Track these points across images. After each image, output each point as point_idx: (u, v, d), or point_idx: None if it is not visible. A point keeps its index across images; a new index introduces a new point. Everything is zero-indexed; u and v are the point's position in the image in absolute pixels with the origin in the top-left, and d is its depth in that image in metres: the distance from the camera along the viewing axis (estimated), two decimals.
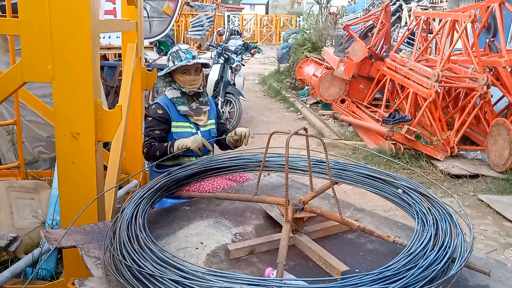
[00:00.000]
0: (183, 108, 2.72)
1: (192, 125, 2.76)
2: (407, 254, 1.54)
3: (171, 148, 2.54)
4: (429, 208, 1.90)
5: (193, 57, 2.69)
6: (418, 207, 1.94)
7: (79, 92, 2.01)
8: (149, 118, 2.68)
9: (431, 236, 1.67)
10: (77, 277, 1.58)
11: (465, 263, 1.55)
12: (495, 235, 3.73)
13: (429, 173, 5.13)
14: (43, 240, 2.58)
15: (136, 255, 1.50)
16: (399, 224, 2.18)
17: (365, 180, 2.23)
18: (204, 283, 1.33)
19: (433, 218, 1.81)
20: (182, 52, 2.69)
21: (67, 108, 2.02)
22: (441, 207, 1.91)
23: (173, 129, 2.70)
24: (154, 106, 2.71)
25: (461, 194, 4.58)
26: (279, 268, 1.53)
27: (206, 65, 2.83)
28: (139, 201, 1.91)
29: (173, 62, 2.69)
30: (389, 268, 1.44)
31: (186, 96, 2.76)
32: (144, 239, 1.60)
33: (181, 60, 2.67)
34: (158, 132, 2.65)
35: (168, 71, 2.71)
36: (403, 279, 1.37)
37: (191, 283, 1.33)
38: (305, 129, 1.87)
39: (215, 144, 2.91)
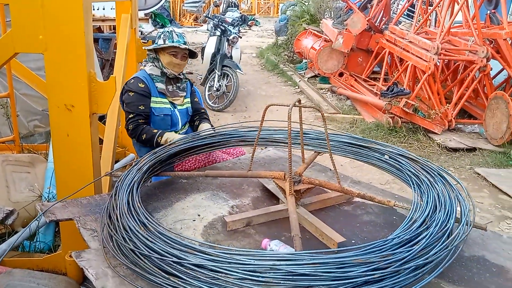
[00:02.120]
0: (160, 86, 2.70)
1: (169, 104, 2.74)
2: (413, 219, 1.56)
3: (159, 137, 2.54)
4: (420, 171, 1.91)
5: (184, 43, 2.69)
6: (408, 170, 1.95)
7: (72, 63, 1.97)
8: (131, 93, 2.61)
9: (433, 198, 1.69)
10: (75, 249, 1.58)
11: (471, 222, 1.59)
12: (490, 208, 3.75)
13: (426, 146, 5.13)
14: (40, 214, 2.58)
15: (130, 230, 1.50)
16: (396, 196, 2.18)
17: (351, 149, 2.24)
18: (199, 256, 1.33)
19: (429, 181, 1.82)
20: (176, 34, 2.68)
21: (60, 80, 1.99)
22: (431, 169, 1.92)
23: (152, 104, 2.66)
24: (133, 80, 2.65)
25: (457, 167, 4.59)
26: (296, 242, 1.54)
27: (193, 55, 2.82)
28: (135, 175, 1.90)
29: (164, 41, 2.66)
30: (405, 232, 1.46)
31: (166, 77, 2.73)
32: (140, 214, 1.59)
33: (173, 41, 2.65)
34: (143, 108, 2.61)
35: (158, 47, 2.68)
36: (422, 240, 1.40)
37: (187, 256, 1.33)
38: (299, 101, 1.84)
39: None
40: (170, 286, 1.29)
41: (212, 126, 2.80)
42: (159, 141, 2.53)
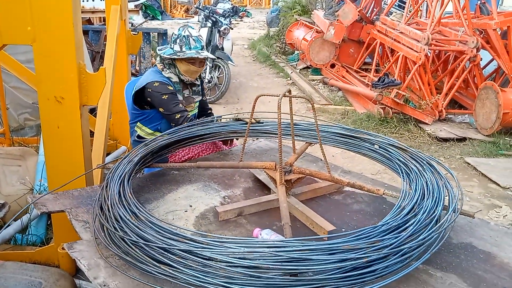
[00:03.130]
0: (179, 96, 2.66)
1: None
2: (401, 207, 1.60)
3: None
4: (409, 160, 1.94)
5: (202, 47, 2.61)
6: (397, 159, 1.98)
7: (61, 55, 1.96)
8: (164, 96, 2.53)
9: (421, 186, 1.72)
10: (67, 242, 1.59)
11: (458, 208, 1.63)
12: (480, 197, 3.80)
13: (417, 136, 5.17)
14: (31, 206, 2.57)
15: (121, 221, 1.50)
16: (386, 185, 2.21)
17: (342, 139, 2.26)
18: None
19: (418, 170, 1.85)
20: (193, 39, 2.58)
21: (50, 71, 1.98)
22: (420, 158, 1.95)
23: None
24: (159, 84, 2.54)
25: (448, 157, 4.64)
26: (286, 230, 1.56)
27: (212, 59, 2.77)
28: (127, 167, 1.90)
29: (181, 48, 2.57)
30: (393, 219, 1.49)
31: (183, 83, 2.69)
32: (131, 204, 1.60)
33: (190, 48, 2.57)
34: (181, 105, 2.59)
35: (176, 57, 2.58)
36: (410, 227, 1.43)
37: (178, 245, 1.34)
38: (289, 91, 1.85)
39: None
40: (161, 275, 1.30)
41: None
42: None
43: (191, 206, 1.92)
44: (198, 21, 7.25)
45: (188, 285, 1.24)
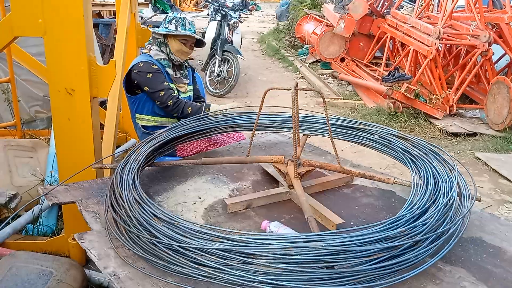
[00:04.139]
0: (170, 71, 2.71)
1: (175, 90, 2.74)
2: (418, 195, 1.63)
3: (207, 109, 2.56)
4: (410, 147, 1.96)
5: (195, 32, 2.73)
6: (399, 147, 2.01)
7: (72, 47, 1.97)
8: (149, 75, 2.57)
9: (431, 173, 1.76)
10: (77, 232, 1.60)
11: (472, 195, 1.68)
12: (490, 192, 3.77)
13: (427, 131, 5.13)
14: (42, 197, 2.61)
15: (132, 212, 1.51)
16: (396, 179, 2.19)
17: (341, 131, 2.27)
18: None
19: (422, 158, 1.87)
20: (188, 22, 2.70)
21: (60, 63, 1.99)
22: (423, 146, 1.97)
23: None
24: (143, 64, 2.60)
25: (458, 152, 4.60)
26: (312, 223, 1.57)
27: (201, 43, 2.86)
28: (136, 159, 1.91)
29: (176, 27, 2.65)
30: (410, 211, 1.52)
31: (171, 63, 2.75)
32: (140, 197, 1.60)
33: (185, 29, 2.67)
34: (166, 83, 2.63)
35: (170, 33, 2.66)
36: (433, 213, 1.48)
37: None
38: (297, 84, 1.85)
39: None
40: (202, 277, 1.28)
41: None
42: (207, 113, 2.52)
43: (200, 198, 1.93)
44: (208, 14, 7.25)
45: (232, 285, 1.23)
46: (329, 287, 1.22)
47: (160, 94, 2.57)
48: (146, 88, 2.60)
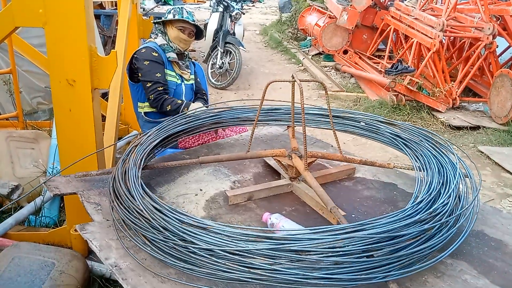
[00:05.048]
0: (172, 55, 2.73)
1: (177, 76, 2.77)
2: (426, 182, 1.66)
3: (185, 109, 2.57)
4: (400, 132, 2.02)
5: (193, 21, 2.74)
6: (387, 132, 2.06)
7: (73, 38, 1.96)
8: (146, 62, 2.62)
9: (429, 158, 1.80)
10: (79, 223, 1.61)
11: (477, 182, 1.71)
12: (493, 186, 3.76)
13: (430, 124, 5.11)
14: (45, 189, 2.61)
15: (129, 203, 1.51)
16: (397, 172, 2.19)
17: (326, 120, 2.27)
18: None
19: (414, 142, 1.93)
20: (186, 11, 2.72)
21: (61, 54, 1.98)
22: (412, 130, 2.03)
23: None
24: (145, 50, 2.67)
25: (461, 145, 4.58)
26: (337, 213, 1.56)
27: (200, 35, 2.85)
28: (138, 151, 1.90)
29: (174, 16, 2.70)
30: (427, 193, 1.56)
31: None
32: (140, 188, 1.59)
33: (183, 17, 2.70)
34: (160, 75, 2.63)
35: (166, 20, 2.72)
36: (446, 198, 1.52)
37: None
38: (293, 76, 1.83)
39: None
40: (250, 279, 1.23)
41: (204, 105, 2.79)
42: (185, 112, 2.52)
43: (201, 190, 1.93)
44: (210, 5, 7.20)
45: (287, 285, 1.20)
46: (379, 274, 1.24)
47: (148, 85, 2.61)
48: (139, 74, 2.65)
